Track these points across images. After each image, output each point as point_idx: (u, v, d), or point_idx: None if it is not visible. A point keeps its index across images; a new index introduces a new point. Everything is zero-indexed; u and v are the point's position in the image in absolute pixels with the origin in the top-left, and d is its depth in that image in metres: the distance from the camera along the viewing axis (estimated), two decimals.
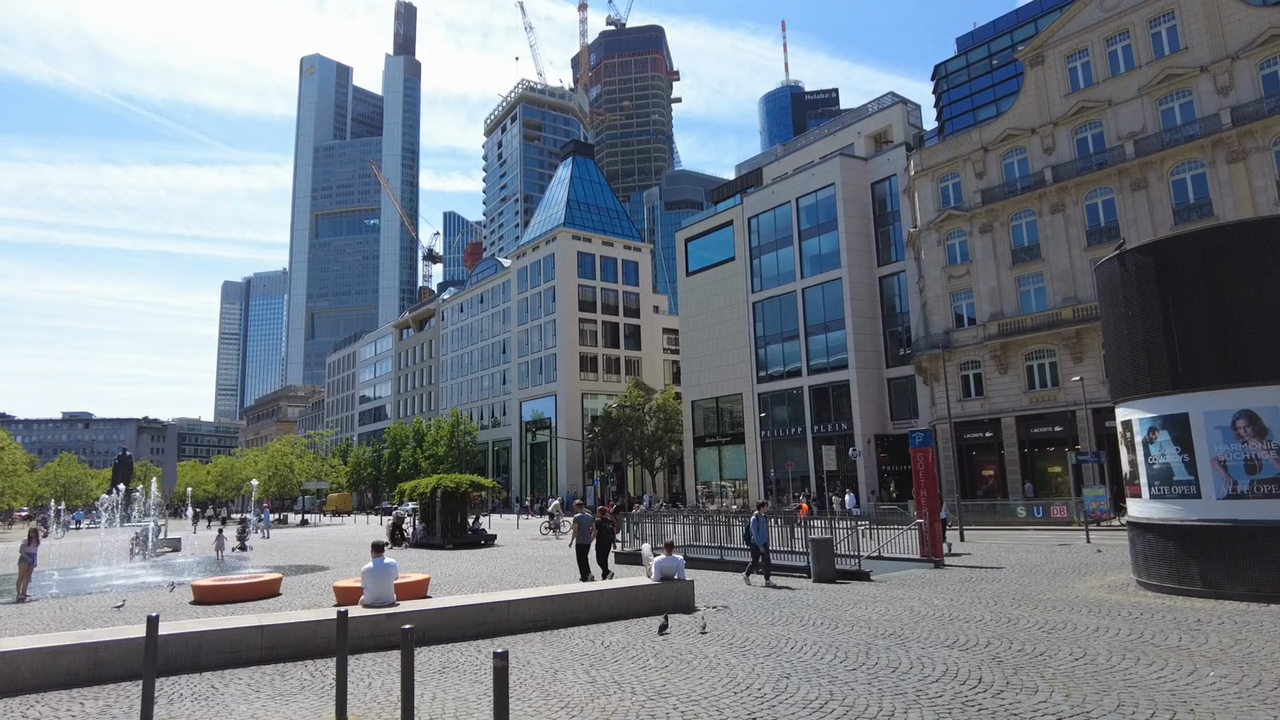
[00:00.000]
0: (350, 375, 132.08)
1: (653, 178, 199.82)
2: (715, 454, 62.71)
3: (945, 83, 53.04)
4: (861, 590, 14.75)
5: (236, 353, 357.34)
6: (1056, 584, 14.41)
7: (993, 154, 45.36)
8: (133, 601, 16.93)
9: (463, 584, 18.51)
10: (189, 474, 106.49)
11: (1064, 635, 9.54)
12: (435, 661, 9.72)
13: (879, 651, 9.01)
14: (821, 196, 54.16)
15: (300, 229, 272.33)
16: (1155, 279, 12.49)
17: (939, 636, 9.70)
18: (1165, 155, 38.37)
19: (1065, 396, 40.94)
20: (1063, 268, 41.75)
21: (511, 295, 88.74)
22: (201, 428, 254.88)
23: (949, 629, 10.23)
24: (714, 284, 62.52)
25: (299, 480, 70.30)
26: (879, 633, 10.14)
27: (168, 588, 19.40)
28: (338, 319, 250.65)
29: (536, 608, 11.65)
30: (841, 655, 8.92)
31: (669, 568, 12.94)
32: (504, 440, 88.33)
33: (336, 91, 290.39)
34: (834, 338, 52.62)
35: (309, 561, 26.95)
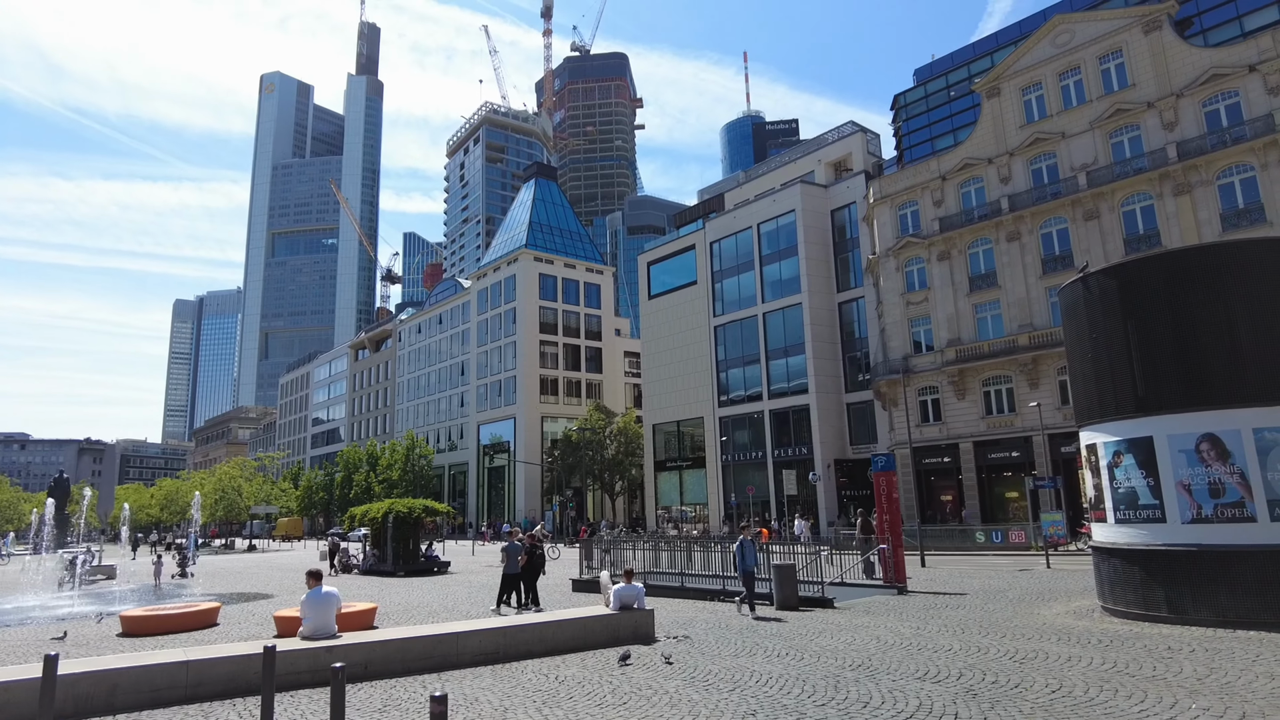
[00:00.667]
0: (303, 396, 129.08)
1: (616, 202, 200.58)
2: (676, 478, 62.24)
3: (904, 113, 54.05)
4: (825, 618, 14.36)
5: (187, 373, 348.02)
6: (1021, 610, 14.18)
7: (950, 183, 46.13)
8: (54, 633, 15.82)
9: (413, 614, 17.71)
10: (131, 497, 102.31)
11: (1037, 665, 9.23)
12: (376, 699, 9.05)
13: (848, 684, 8.59)
14: (782, 222, 54.56)
15: (256, 247, 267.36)
16: (1119, 302, 12.45)
17: (909, 667, 9.32)
18: (1116, 187, 39.35)
19: (1022, 422, 41.40)
20: (1019, 295, 42.42)
21: (471, 316, 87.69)
22: (148, 449, 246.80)
23: (918, 659, 9.86)
24: (676, 307, 62.45)
25: (247, 504, 67.98)
26: (847, 664, 9.73)
27: (95, 619, 18.23)
28: (293, 339, 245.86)
29: (487, 640, 11.02)
30: (809, 689, 8.47)
31: (628, 596, 12.41)
32: (461, 464, 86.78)
33: (297, 109, 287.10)
34: (794, 362, 52.76)
35: (252, 589, 25.76)
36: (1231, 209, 36.24)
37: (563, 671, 10.06)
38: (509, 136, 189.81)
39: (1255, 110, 36.10)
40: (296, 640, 10.54)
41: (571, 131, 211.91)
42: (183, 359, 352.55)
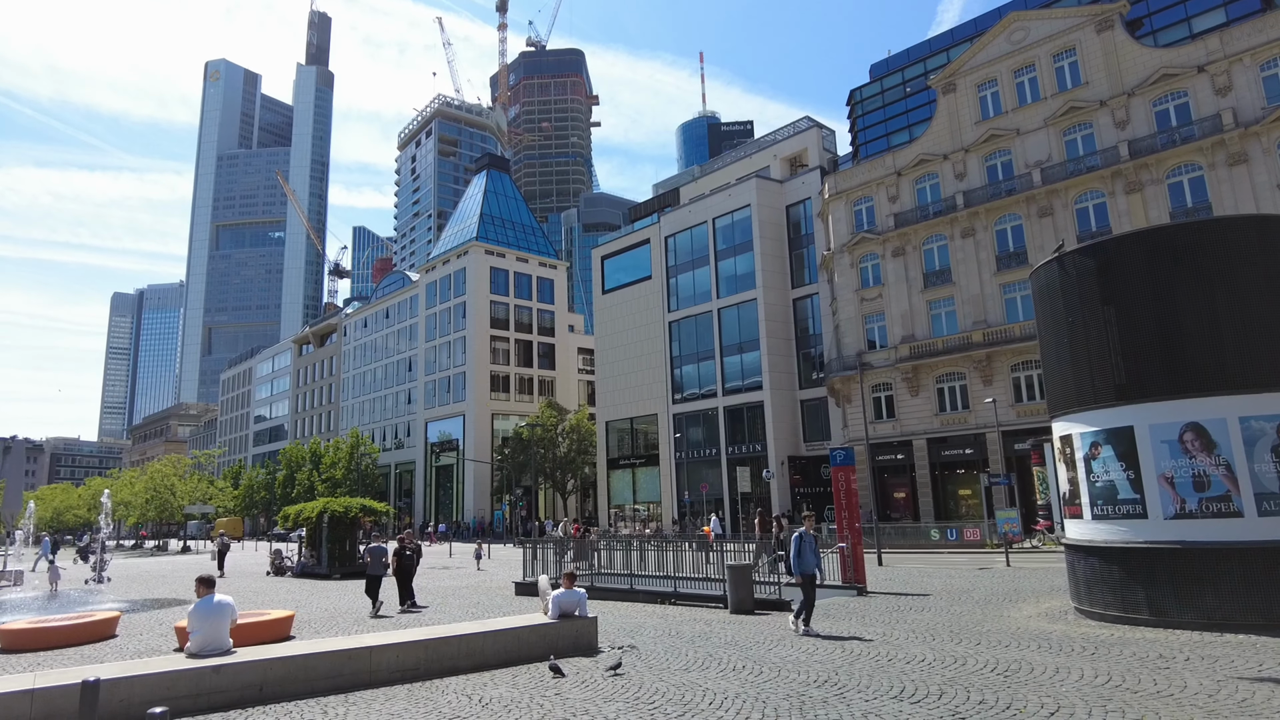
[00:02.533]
0: (246, 393, 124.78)
1: (571, 199, 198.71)
2: (629, 476, 61.11)
3: (860, 108, 53.68)
4: (783, 623, 13.33)
5: (126, 369, 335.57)
6: (990, 613, 13.33)
7: (906, 179, 45.83)
8: None
9: (338, 620, 16.23)
10: (59, 496, 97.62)
11: (1024, 680, 8.26)
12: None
13: (815, 706, 7.51)
14: (738, 217, 53.80)
15: (199, 240, 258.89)
16: (1096, 282, 11.65)
17: (881, 684, 8.28)
18: (1069, 184, 39.36)
19: (975, 419, 41.23)
20: (973, 292, 42.25)
21: (419, 310, 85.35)
22: (82, 448, 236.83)
23: (890, 673, 8.84)
24: (630, 302, 61.31)
25: (181, 504, 64.85)
26: (811, 679, 8.65)
27: None
28: (237, 334, 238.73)
29: (406, 654, 9.70)
30: (771, 713, 7.37)
31: (569, 603, 11.19)
32: (408, 463, 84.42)
33: (244, 99, 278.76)
34: (749, 358, 52.04)
35: (170, 595, 23.86)
36: (1180, 207, 36.43)
37: (489, 692, 8.80)
38: (462, 130, 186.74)
39: (1203, 110, 36.35)
40: (179, 658, 9.10)
41: (527, 127, 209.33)
42: (121, 354, 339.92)
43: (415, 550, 18.42)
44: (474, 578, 26.85)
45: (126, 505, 72.08)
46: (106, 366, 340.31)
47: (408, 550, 18.01)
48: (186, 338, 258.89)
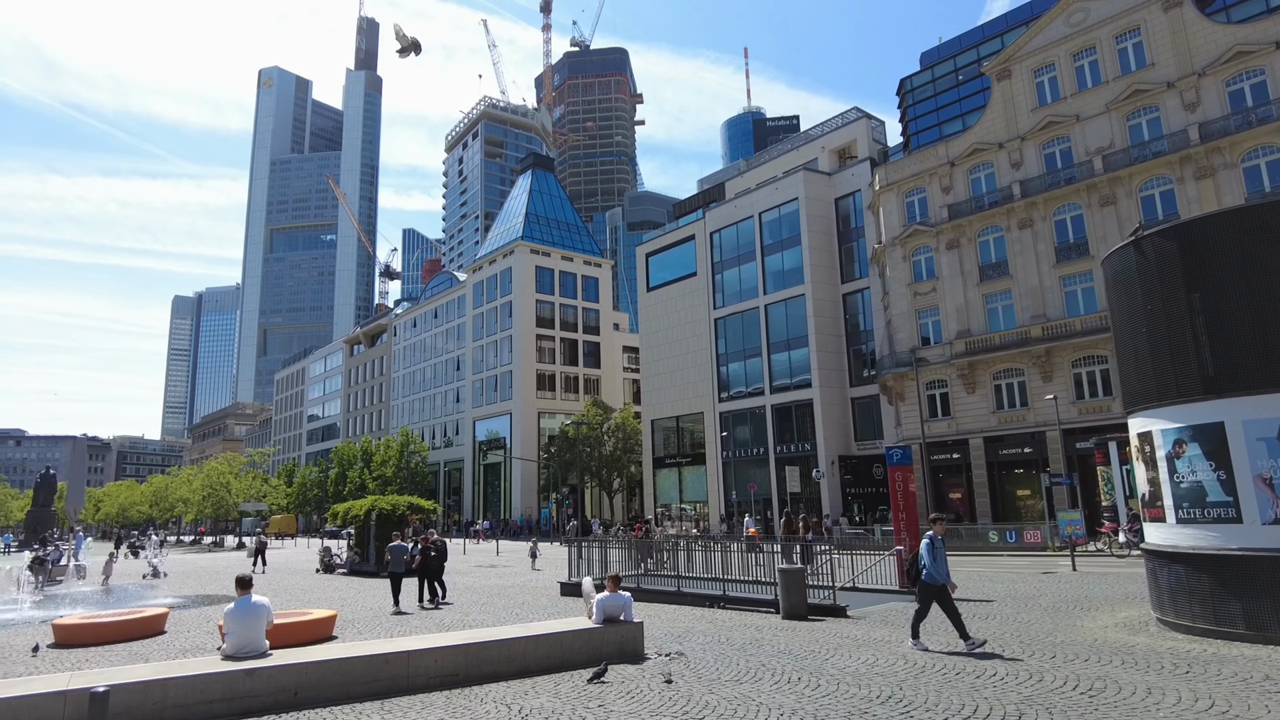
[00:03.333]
0: (299, 393, 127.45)
1: (616, 198, 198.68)
2: (675, 475, 60.58)
3: (910, 97, 52.27)
4: (839, 630, 12.69)
5: (186, 370, 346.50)
6: (1062, 622, 12.50)
7: (959, 169, 44.43)
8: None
9: (382, 620, 16.06)
10: (124, 493, 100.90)
11: (1112, 701, 7.50)
12: None
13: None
14: (785, 211, 52.83)
15: (254, 243, 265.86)
16: (1180, 266, 10.75)
17: (951, 702, 7.64)
18: (1134, 171, 37.64)
19: (1035, 417, 39.76)
20: (1031, 285, 40.74)
21: (466, 310, 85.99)
22: (146, 446, 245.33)
23: (960, 688, 8.18)
24: (675, 300, 60.75)
25: (236, 501, 66.33)
26: (874, 695, 8.04)
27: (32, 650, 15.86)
28: (291, 336, 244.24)
29: (445, 659, 9.35)
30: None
31: (614, 607, 10.74)
32: (456, 461, 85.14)
33: (295, 104, 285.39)
34: (797, 355, 51.05)
35: (221, 591, 24.11)
36: (1257, 192, 34.47)
37: (530, 701, 8.39)
38: (508, 131, 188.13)
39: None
40: (213, 660, 8.88)
41: (571, 127, 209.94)
42: (182, 356, 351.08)
43: (438, 549, 18.78)
44: (520, 577, 26.63)
45: (185, 502, 74.02)
46: (168, 367, 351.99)
47: (431, 550, 18.42)
48: (243, 339, 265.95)
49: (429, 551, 18.40)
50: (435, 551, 18.59)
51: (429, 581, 18.54)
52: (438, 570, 18.64)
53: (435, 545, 18.80)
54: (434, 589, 18.57)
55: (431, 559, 18.38)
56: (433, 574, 18.52)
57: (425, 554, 18.30)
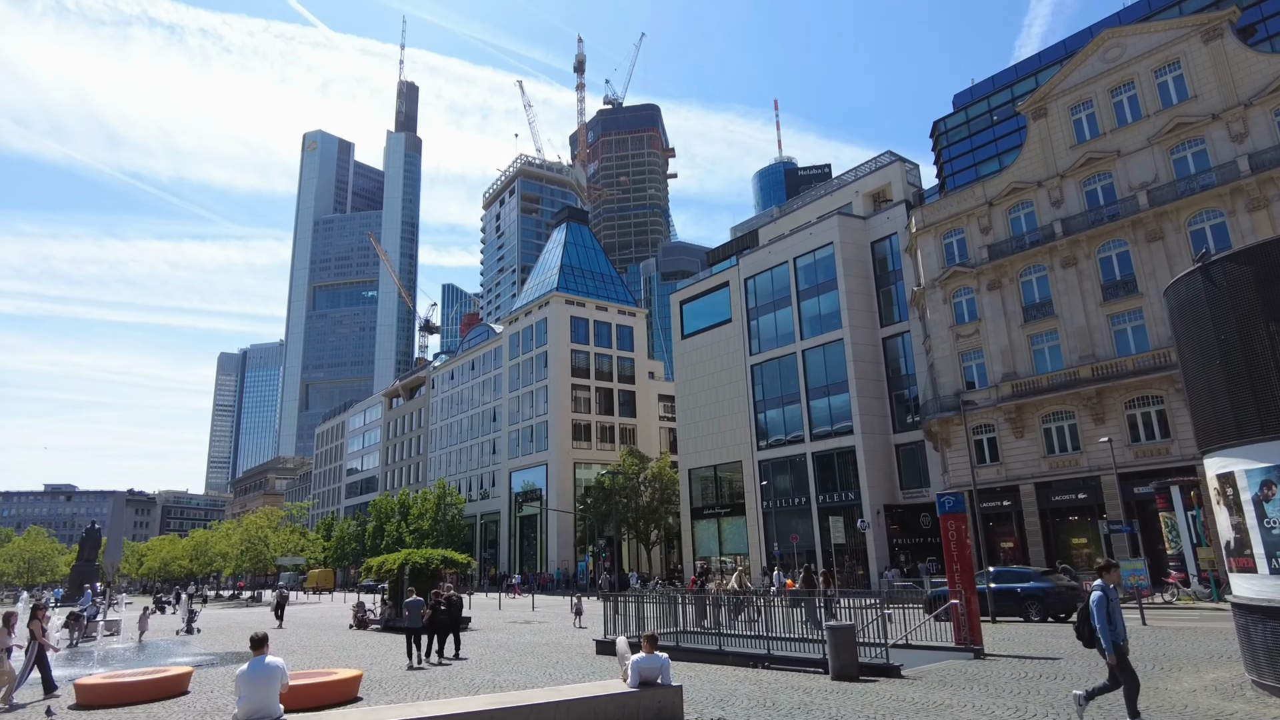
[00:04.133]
0: (339, 446, 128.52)
1: (649, 249, 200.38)
2: (714, 526, 59.24)
3: (944, 139, 51.91)
4: (894, 694, 11.73)
5: (230, 425, 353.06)
6: (1143, 684, 11.37)
7: (998, 208, 43.69)
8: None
9: (412, 680, 15.39)
10: (166, 548, 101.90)
11: None
12: None
13: None
14: (820, 256, 52.34)
15: (298, 300, 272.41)
16: (1256, 291, 9.96)
17: None
18: (1181, 205, 36.57)
19: (1088, 461, 38.16)
20: (1078, 324, 39.51)
21: (503, 361, 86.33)
22: (190, 500, 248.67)
23: None
24: (710, 347, 60.21)
25: (273, 555, 66.34)
26: None
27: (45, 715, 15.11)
28: (333, 390, 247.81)
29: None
30: None
31: (650, 669, 10.00)
32: (493, 513, 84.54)
33: (338, 166, 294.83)
34: (837, 401, 49.96)
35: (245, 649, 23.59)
36: None
37: None
38: (543, 187, 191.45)
39: None
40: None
41: (605, 182, 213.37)
42: (226, 411, 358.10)
43: (451, 604, 18.86)
44: (555, 634, 25.76)
45: (223, 556, 74.29)
46: (213, 423, 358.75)
47: (440, 605, 18.49)
48: (285, 394, 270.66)
49: (439, 606, 18.42)
50: (446, 606, 18.60)
51: (440, 636, 18.65)
52: (450, 624, 18.72)
53: (447, 600, 18.85)
54: (440, 645, 18.69)
55: (441, 613, 18.38)
56: (444, 629, 18.61)
57: (435, 609, 18.30)
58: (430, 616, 18.16)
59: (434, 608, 18.31)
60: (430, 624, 18.20)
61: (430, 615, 18.16)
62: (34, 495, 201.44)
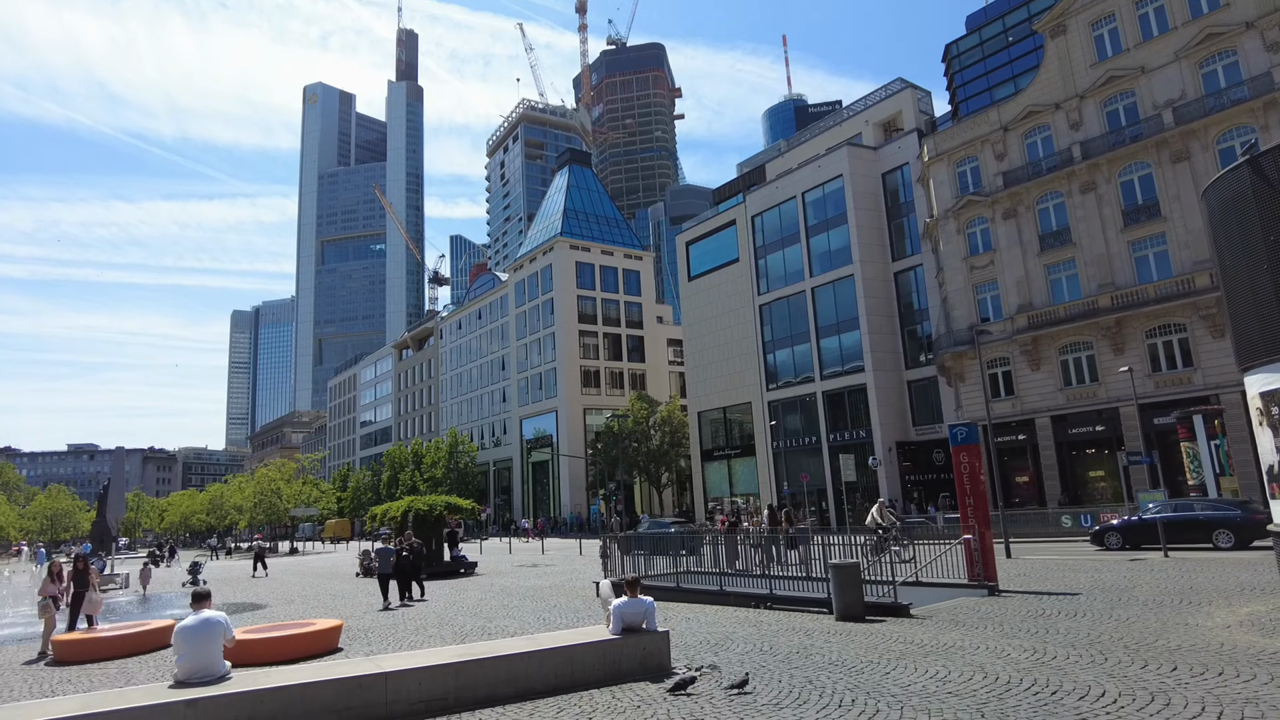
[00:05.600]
0: (351, 399, 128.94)
1: (658, 194, 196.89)
2: (724, 468, 58.80)
3: (957, 64, 49.51)
4: (901, 634, 10.96)
5: (246, 381, 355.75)
6: (1170, 620, 10.56)
7: (1013, 134, 41.76)
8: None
9: (399, 629, 14.81)
10: (185, 503, 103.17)
11: None
12: None
13: None
14: (829, 190, 50.59)
15: (306, 256, 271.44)
16: None
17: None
18: (1210, 122, 34.60)
19: (1106, 392, 37.03)
20: (1097, 252, 37.95)
21: (509, 309, 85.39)
22: (210, 456, 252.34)
23: (1061, 716, 6.43)
24: (717, 288, 58.92)
25: (287, 507, 66.74)
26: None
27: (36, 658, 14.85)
28: (345, 344, 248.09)
29: (430, 681, 7.94)
30: None
31: (633, 614, 9.21)
32: (505, 460, 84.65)
33: (340, 119, 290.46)
34: (848, 339, 48.80)
35: (250, 599, 23.31)
36: None
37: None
38: (547, 132, 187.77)
39: None
40: (156, 689, 7.61)
41: (610, 125, 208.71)
42: (242, 368, 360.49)
43: (413, 552, 20.41)
44: (560, 577, 25.35)
45: (238, 509, 74.92)
46: (229, 380, 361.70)
47: (404, 553, 19.81)
48: (299, 349, 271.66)
49: (403, 553, 19.71)
50: (409, 553, 19.98)
51: (403, 582, 19.79)
52: (413, 571, 20.08)
53: (410, 548, 20.33)
54: (409, 589, 19.85)
55: (404, 559, 19.64)
56: (407, 575, 19.80)
57: (400, 556, 19.57)
58: (395, 563, 19.31)
59: (398, 554, 19.50)
60: (397, 570, 19.37)
61: (395, 562, 19.31)
62: (57, 455, 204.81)
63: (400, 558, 19.60)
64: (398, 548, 20.05)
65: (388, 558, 19.43)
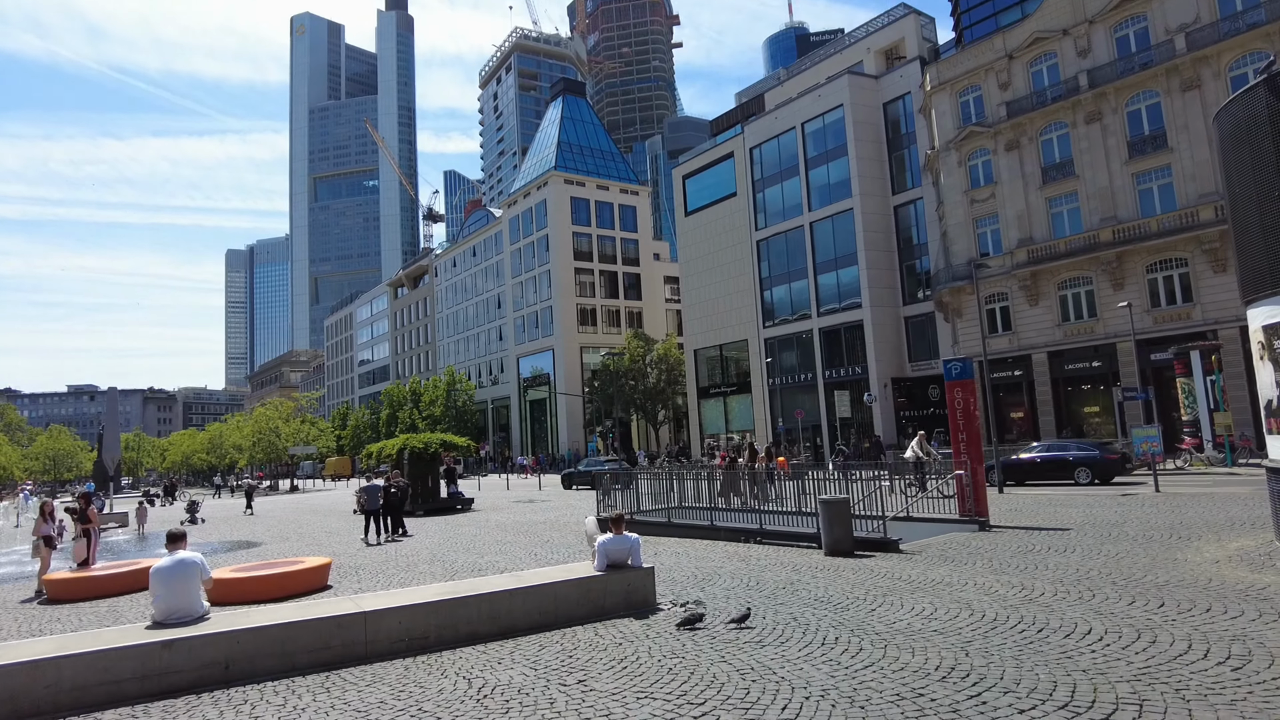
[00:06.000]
0: (348, 337, 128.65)
1: (656, 126, 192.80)
2: (721, 405, 58.96)
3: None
4: (890, 569, 10.93)
5: (244, 321, 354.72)
6: (1160, 555, 10.51)
7: (1019, 61, 40.53)
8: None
9: (388, 567, 14.84)
10: (186, 442, 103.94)
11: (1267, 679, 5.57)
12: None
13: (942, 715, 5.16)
14: (829, 120, 49.37)
15: (299, 193, 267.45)
16: None
17: (1039, 677, 5.79)
18: (1224, 47, 33.50)
19: (1104, 328, 36.79)
20: (1100, 185, 37.22)
21: (504, 246, 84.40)
22: (210, 396, 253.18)
23: (1045, 654, 6.32)
24: (715, 223, 58.06)
25: (285, 445, 67.14)
26: (930, 665, 6.24)
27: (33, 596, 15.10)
28: (342, 283, 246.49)
29: (412, 620, 7.86)
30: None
31: (618, 550, 9.12)
32: (503, 398, 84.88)
33: (329, 50, 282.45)
34: (846, 275, 48.30)
35: (247, 537, 23.45)
36: None
37: (498, 675, 6.83)
38: (541, 62, 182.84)
39: None
40: (134, 630, 7.54)
41: (606, 54, 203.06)
42: (239, 308, 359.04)
43: (400, 489, 21.37)
44: (555, 512, 25.51)
45: (237, 448, 75.41)
46: (227, 320, 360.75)
47: (393, 489, 20.52)
48: (295, 288, 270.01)
49: (390, 490, 20.38)
50: (396, 490, 20.77)
51: (390, 518, 20.38)
52: (397, 506, 20.75)
53: (397, 485, 21.14)
54: (392, 525, 20.39)
55: (392, 496, 20.33)
56: (393, 511, 20.41)
57: (387, 493, 20.18)
58: (383, 499, 19.93)
59: (385, 491, 20.08)
60: (385, 506, 19.98)
61: (383, 498, 19.94)
62: (57, 396, 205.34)
63: (388, 494, 20.13)
64: (385, 485, 20.49)
65: (375, 494, 19.88)
